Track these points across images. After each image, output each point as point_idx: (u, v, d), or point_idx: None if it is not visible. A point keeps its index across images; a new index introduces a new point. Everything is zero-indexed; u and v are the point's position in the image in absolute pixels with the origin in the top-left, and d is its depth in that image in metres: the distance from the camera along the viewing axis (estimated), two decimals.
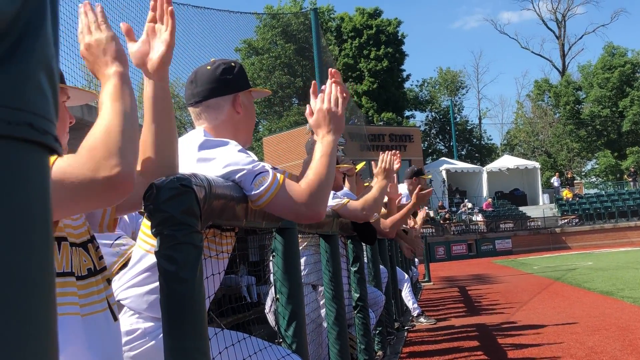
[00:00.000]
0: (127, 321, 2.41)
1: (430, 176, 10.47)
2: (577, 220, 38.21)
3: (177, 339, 1.66)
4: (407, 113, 60.80)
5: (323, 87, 2.75)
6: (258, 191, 2.25)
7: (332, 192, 3.14)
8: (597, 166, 58.37)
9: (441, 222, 36.56)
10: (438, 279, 18.84)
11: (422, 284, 16.78)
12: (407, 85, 60.23)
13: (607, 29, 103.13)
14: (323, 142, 2.58)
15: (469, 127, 66.47)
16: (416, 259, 15.52)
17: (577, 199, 41.35)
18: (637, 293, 10.75)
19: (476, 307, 11.06)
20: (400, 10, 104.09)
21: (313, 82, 2.85)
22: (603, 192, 45.02)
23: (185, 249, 1.67)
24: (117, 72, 1.74)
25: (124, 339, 2.39)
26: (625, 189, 43.78)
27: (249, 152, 2.52)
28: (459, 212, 39.01)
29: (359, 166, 5.67)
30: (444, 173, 42.52)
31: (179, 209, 1.67)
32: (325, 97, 2.68)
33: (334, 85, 2.71)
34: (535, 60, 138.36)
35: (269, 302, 3.26)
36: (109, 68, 1.75)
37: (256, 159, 2.53)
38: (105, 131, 1.60)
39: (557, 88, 60.00)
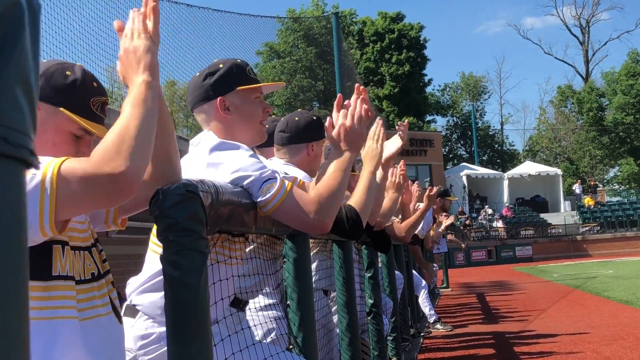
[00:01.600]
0: (142, 325, 2.42)
1: (457, 198, 10.67)
2: (598, 227, 37.86)
3: (181, 344, 1.66)
4: (429, 117, 60.64)
5: (347, 102, 2.74)
6: (265, 198, 2.25)
7: None
8: (619, 173, 57.77)
9: (461, 228, 36.38)
10: (457, 285, 18.76)
11: (440, 290, 16.71)
12: (428, 89, 60.07)
13: (631, 35, 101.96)
14: (340, 157, 2.57)
15: (490, 133, 66.15)
16: (435, 265, 15.47)
17: (599, 206, 40.98)
18: None
19: (494, 315, 10.99)
20: (422, 15, 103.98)
21: (339, 95, 2.84)
22: (625, 200, 44.56)
23: (190, 255, 1.68)
24: (144, 81, 1.76)
25: (139, 343, 2.40)
26: None
27: (259, 157, 2.53)
28: (479, 218, 38.81)
29: None
30: (464, 179, 42.39)
31: (184, 215, 1.67)
32: (349, 114, 2.67)
33: (359, 102, 2.71)
34: (558, 66, 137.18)
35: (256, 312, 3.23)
36: (138, 76, 1.77)
37: (266, 164, 2.53)
38: (118, 133, 1.64)
39: (581, 94, 59.50)
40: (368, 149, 3.06)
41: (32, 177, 1.61)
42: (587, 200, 41.46)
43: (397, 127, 4.01)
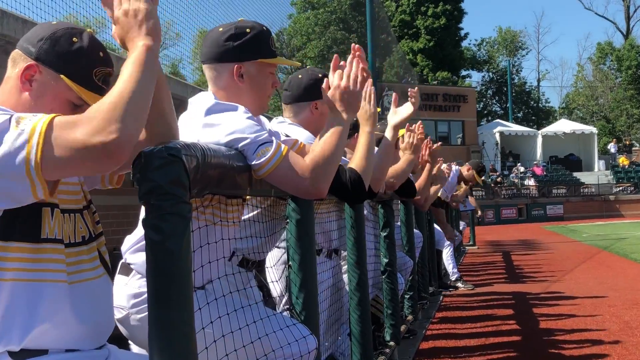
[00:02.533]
0: (135, 284, 2.43)
1: (483, 178, 10.77)
2: (632, 188, 37.32)
3: (162, 309, 1.65)
4: (464, 73, 59.83)
5: (343, 62, 2.66)
6: (260, 161, 2.22)
7: None
8: None
9: (492, 185, 36.12)
10: (484, 243, 18.68)
11: (467, 247, 16.68)
12: (464, 44, 59.09)
13: None
14: (336, 120, 2.51)
15: (526, 89, 65.12)
16: (462, 222, 15.40)
17: (634, 166, 40.32)
18: None
19: (517, 274, 10.94)
20: None
21: (335, 55, 2.77)
22: None
23: (172, 219, 1.65)
24: (145, 45, 1.72)
25: (132, 302, 2.41)
26: None
27: (259, 118, 2.49)
28: (511, 175, 38.47)
29: (401, 131, 5.56)
30: (497, 135, 41.92)
31: (166, 179, 1.64)
32: (345, 74, 2.60)
33: (355, 62, 2.62)
34: (598, 22, 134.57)
35: (273, 269, 3.23)
36: (139, 39, 1.73)
37: (266, 127, 2.49)
38: (114, 97, 1.61)
39: (620, 52, 58.08)
40: (362, 110, 2.99)
41: (20, 132, 1.59)
42: (622, 160, 40.81)
43: (408, 93, 3.94)
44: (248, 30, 2.54)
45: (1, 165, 1.58)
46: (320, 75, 3.31)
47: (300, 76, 3.34)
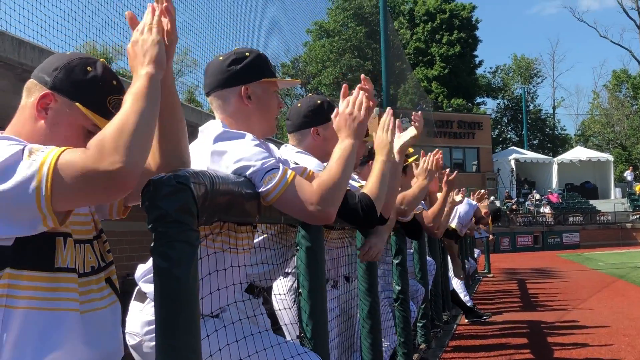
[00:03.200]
0: (150, 311, 2.43)
1: (492, 226, 10.87)
2: None
3: (169, 336, 1.66)
4: (478, 100, 59.80)
5: (353, 91, 2.74)
6: (267, 188, 2.24)
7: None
8: None
9: (507, 212, 35.92)
10: (499, 270, 18.55)
11: (481, 275, 16.57)
12: (479, 71, 59.19)
13: None
14: (342, 146, 2.56)
15: (542, 117, 64.97)
16: (476, 250, 15.31)
17: None
18: None
19: (532, 303, 10.85)
20: None
21: (344, 85, 2.83)
22: None
23: (180, 246, 1.67)
24: (148, 74, 1.76)
25: (145, 329, 2.41)
26: None
27: (267, 145, 2.51)
28: (527, 203, 38.25)
29: (412, 159, 5.57)
30: (512, 163, 41.78)
31: (174, 207, 1.67)
32: (350, 101, 2.68)
33: (361, 91, 2.71)
34: (614, 50, 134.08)
35: (281, 298, 3.23)
36: (142, 68, 1.77)
37: (274, 154, 2.51)
38: (117, 127, 1.64)
39: (636, 79, 57.93)
40: (378, 138, 3.03)
41: (31, 163, 1.62)
42: (639, 188, 40.47)
43: (412, 117, 3.96)
44: (247, 54, 2.62)
45: (13, 194, 1.61)
46: (319, 101, 3.36)
47: (299, 105, 3.41)
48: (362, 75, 2.75)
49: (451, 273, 9.22)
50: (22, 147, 1.66)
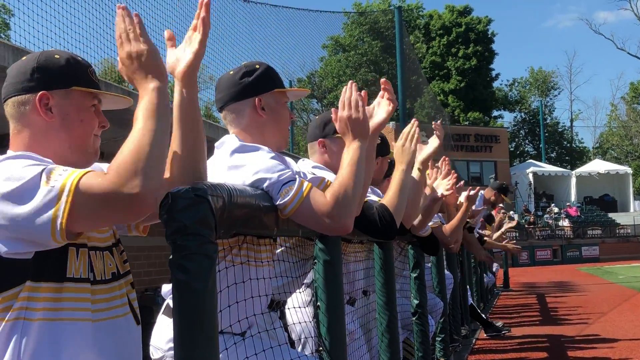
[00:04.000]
0: None
1: (510, 201, 10.03)
2: None
3: (187, 349, 1.66)
4: (495, 113, 59.66)
5: (357, 93, 2.68)
6: (284, 201, 2.23)
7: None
8: None
9: (526, 226, 35.68)
10: (518, 284, 18.39)
11: (500, 290, 16.44)
12: (496, 84, 59.07)
13: None
14: (348, 150, 2.51)
15: (559, 130, 64.66)
16: (494, 264, 15.19)
17: None
18: None
19: (552, 317, 10.75)
20: (490, 8, 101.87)
21: (343, 89, 2.82)
22: None
23: (198, 259, 1.66)
24: (155, 88, 1.75)
25: (170, 345, 2.40)
26: None
27: (284, 158, 2.50)
28: (545, 216, 37.99)
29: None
30: (530, 176, 41.56)
31: (192, 219, 1.66)
32: (346, 103, 2.60)
33: (354, 88, 2.63)
34: (631, 62, 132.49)
35: (295, 311, 3.20)
36: (148, 83, 1.76)
37: (291, 166, 2.51)
38: (134, 150, 1.65)
39: None
40: (400, 147, 3.00)
41: (50, 189, 1.63)
42: None
43: (433, 126, 3.95)
44: (257, 66, 2.63)
45: (29, 220, 1.63)
46: (331, 115, 3.35)
47: (316, 118, 3.43)
48: (382, 79, 2.72)
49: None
50: (40, 171, 1.67)
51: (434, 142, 3.84)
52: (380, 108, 2.91)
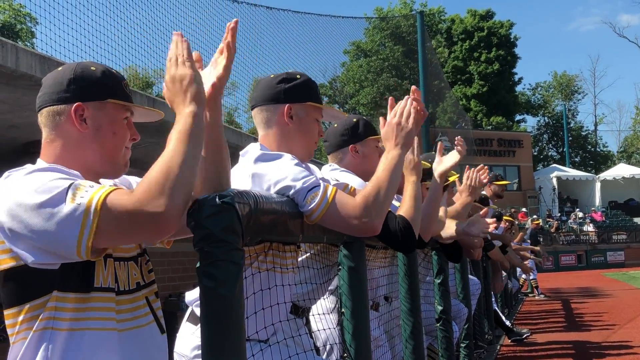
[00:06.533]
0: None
1: (508, 182, 9.70)
2: None
3: (216, 356, 1.67)
4: (518, 117, 59.21)
5: (401, 101, 2.75)
6: (311, 207, 2.25)
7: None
8: None
9: (550, 231, 35.38)
10: (542, 290, 18.22)
11: (524, 295, 16.33)
12: (518, 88, 58.65)
13: None
14: (388, 156, 2.57)
15: (583, 134, 64.10)
16: (518, 270, 15.07)
17: None
18: None
19: (577, 322, 10.65)
20: (513, 12, 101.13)
21: (391, 97, 2.84)
22: None
23: (225, 265, 1.68)
24: (192, 112, 1.77)
25: (194, 352, 2.41)
26: None
27: (307, 164, 2.52)
28: (569, 221, 37.66)
29: (452, 178, 5.50)
30: (554, 180, 41.23)
31: (219, 226, 1.68)
32: (398, 111, 2.69)
33: (410, 101, 2.72)
34: None
35: (320, 318, 3.19)
36: (186, 107, 1.78)
37: (316, 172, 2.52)
38: (163, 169, 1.68)
39: None
40: (406, 159, 2.99)
41: (77, 207, 1.65)
42: None
43: (455, 142, 3.95)
44: (298, 77, 2.67)
45: (55, 235, 1.66)
46: (355, 120, 3.38)
47: (335, 125, 3.44)
48: (413, 87, 2.76)
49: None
50: (68, 186, 1.69)
51: (454, 156, 3.84)
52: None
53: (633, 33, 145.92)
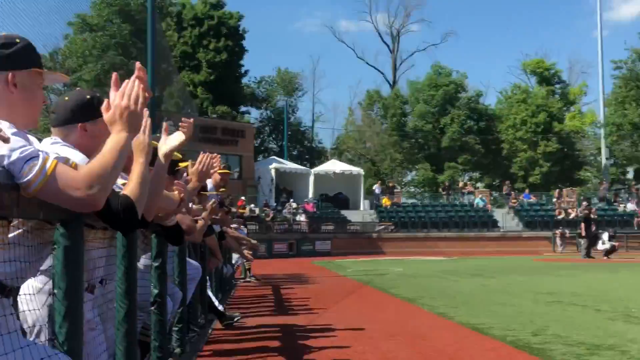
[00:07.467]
0: None
1: (232, 172, 10.07)
2: (393, 227, 39.94)
3: None
4: (243, 109, 60.82)
5: (127, 80, 2.66)
6: (27, 178, 2.12)
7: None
8: (416, 177, 61.39)
9: (266, 220, 36.88)
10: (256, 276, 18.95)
11: (239, 281, 16.87)
12: (244, 80, 60.24)
13: (437, 49, 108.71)
14: (116, 137, 2.49)
15: (302, 129, 67.61)
16: (234, 256, 15.51)
17: (395, 207, 43.22)
18: (436, 302, 11.39)
19: (286, 307, 11.24)
20: (243, 4, 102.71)
21: (114, 73, 2.74)
22: (419, 203, 47.52)
23: None
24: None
25: None
26: (440, 201, 46.42)
27: (26, 135, 2.37)
28: (284, 211, 39.58)
29: (184, 164, 5.50)
30: (273, 172, 43.08)
31: None
32: (125, 93, 2.58)
33: (137, 81, 2.62)
34: (369, 71, 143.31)
35: (27, 298, 3.03)
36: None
37: (35, 144, 2.38)
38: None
39: (387, 100, 62.35)
40: (136, 140, 2.95)
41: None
42: (385, 201, 43.58)
43: (181, 123, 3.95)
44: (17, 40, 2.49)
45: None
46: (88, 96, 3.22)
47: (66, 98, 3.23)
48: (137, 64, 2.68)
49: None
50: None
51: (178, 136, 3.82)
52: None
53: (351, 39, 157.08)
